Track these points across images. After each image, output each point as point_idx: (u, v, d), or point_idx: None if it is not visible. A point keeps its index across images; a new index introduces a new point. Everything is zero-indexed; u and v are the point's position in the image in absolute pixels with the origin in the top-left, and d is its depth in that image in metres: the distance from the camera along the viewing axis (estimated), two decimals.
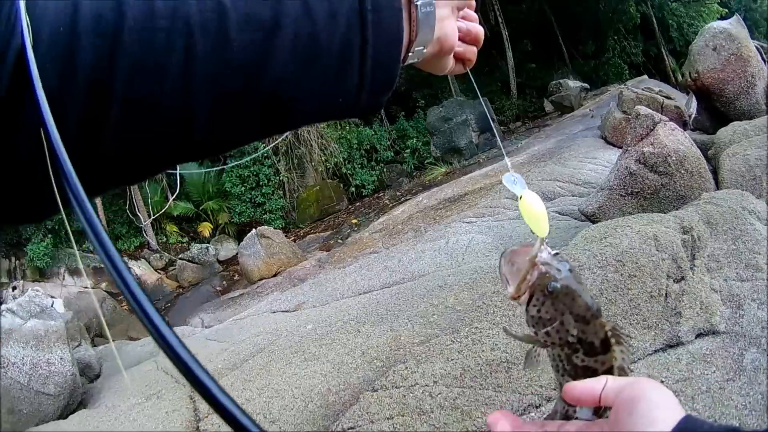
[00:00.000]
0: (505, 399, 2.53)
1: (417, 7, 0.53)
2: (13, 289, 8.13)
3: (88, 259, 11.73)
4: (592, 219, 4.53)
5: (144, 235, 12.93)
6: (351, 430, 2.63)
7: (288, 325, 4.80)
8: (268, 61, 0.44)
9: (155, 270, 12.48)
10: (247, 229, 10.87)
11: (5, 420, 4.62)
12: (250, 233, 9.16)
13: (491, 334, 2.85)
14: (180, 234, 13.75)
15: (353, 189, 14.50)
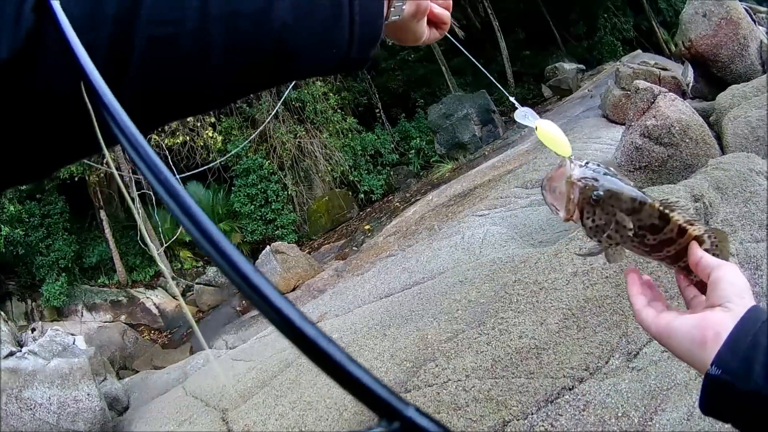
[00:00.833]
0: (539, 384, 2.54)
1: None
2: (32, 330, 8.17)
3: (105, 293, 11.81)
4: None
5: (158, 264, 13.00)
6: None
7: None
8: (273, 10, 0.50)
9: (174, 297, 12.53)
10: (260, 247, 10.88)
11: None
12: (265, 250, 9.19)
13: (517, 322, 2.86)
14: (194, 259, 13.78)
15: (362, 195, 14.49)
